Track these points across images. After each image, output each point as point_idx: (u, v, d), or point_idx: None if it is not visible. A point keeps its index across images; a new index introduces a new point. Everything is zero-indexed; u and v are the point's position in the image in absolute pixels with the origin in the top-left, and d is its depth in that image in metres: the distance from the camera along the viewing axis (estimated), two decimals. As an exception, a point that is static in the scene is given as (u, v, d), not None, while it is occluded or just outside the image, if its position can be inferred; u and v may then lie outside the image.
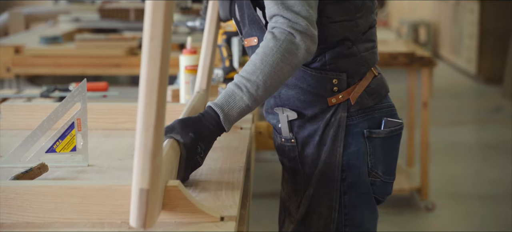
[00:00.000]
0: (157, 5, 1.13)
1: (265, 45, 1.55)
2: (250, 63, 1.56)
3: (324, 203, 1.74)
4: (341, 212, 1.75)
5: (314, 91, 1.69)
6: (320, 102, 1.70)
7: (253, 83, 1.55)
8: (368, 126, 1.72)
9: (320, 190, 1.74)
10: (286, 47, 1.54)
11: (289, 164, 1.81)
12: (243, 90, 1.55)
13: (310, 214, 1.76)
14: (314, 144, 1.73)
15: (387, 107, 1.75)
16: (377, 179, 1.75)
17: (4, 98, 2.46)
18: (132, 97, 2.52)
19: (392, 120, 1.74)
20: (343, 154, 1.71)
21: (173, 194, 1.28)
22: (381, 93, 1.74)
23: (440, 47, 10.33)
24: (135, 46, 3.86)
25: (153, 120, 1.16)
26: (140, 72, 1.16)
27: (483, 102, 7.42)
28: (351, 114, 1.70)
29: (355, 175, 1.73)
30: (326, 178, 1.73)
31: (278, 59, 1.54)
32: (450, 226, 3.97)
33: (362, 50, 1.70)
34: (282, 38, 1.54)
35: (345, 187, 1.73)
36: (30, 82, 4.14)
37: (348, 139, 1.71)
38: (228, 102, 1.56)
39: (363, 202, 1.76)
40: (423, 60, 4.11)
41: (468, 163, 5.32)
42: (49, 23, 5.07)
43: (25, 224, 1.29)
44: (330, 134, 1.71)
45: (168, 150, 1.41)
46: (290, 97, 1.72)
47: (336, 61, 1.68)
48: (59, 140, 1.61)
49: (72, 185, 1.30)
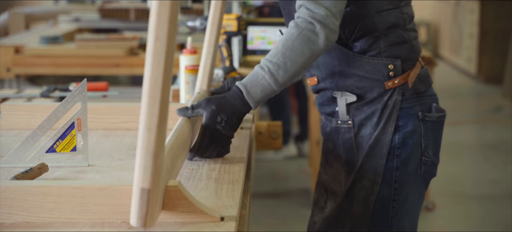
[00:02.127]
0: (163, 5, 1.13)
1: (288, 32, 1.70)
2: (274, 48, 1.71)
3: (367, 176, 1.85)
4: (391, 187, 1.85)
5: (371, 77, 1.82)
6: (378, 87, 1.83)
7: (274, 64, 1.68)
8: (421, 110, 1.85)
9: (367, 164, 1.85)
10: (305, 34, 1.68)
11: (344, 145, 1.90)
12: (265, 70, 1.68)
13: (354, 186, 1.88)
14: (372, 125, 1.85)
15: (434, 95, 1.89)
16: (428, 159, 1.86)
17: (4, 98, 2.46)
18: (132, 97, 2.53)
19: (439, 107, 1.88)
20: (397, 133, 1.83)
21: (174, 194, 1.28)
22: (428, 82, 1.88)
23: (440, 47, 10.33)
24: (135, 46, 3.86)
25: (156, 120, 1.16)
26: (144, 72, 1.16)
27: (483, 102, 7.42)
28: (406, 98, 1.83)
29: (409, 153, 1.84)
30: (374, 154, 1.84)
31: (299, 44, 1.68)
32: (450, 226, 3.97)
33: (412, 38, 1.84)
34: (302, 26, 1.68)
35: (398, 162, 1.85)
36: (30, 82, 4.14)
37: (405, 120, 1.83)
38: (251, 80, 1.69)
39: (413, 180, 1.87)
40: (423, 60, 4.10)
41: (468, 163, 5.32)
42: (49, 23, 5.07)
43: (25, 224, 1.29)
44: (385, 115, 1.83)
45: (168, 150, 1.41)
46: (348, 86, 1.85)
47: (391, 48, 1.81)
48: (59, 140, 1.61)
49: (72, 185, 1.30)
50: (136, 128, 1.18)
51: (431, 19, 10.70)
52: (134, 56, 3.82)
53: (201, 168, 1.65)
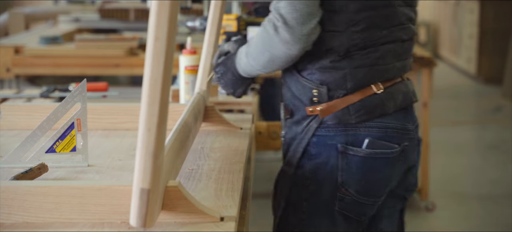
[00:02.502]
0: (162, 5, 1.13)
1: (259, 29, 1.72)
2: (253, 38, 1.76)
3: (278, 193, 1.82)
4: (298, 217, 1.77)
5: (299, 97, 1.73)
6: (302, 109, 1.73)
7: (247, 52, 1.76)
8: (346, 142, 1.69)
9: (288, 188, 1.79)
10: (265, 36, 1.67)
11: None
12: (243, 52, 1.77)
13: (276, 205, 1.85)
14: (294, 146, 1.76)
15: (379, 127, 1.69)
16: (346, 196, 1.71)
17: (4, 98, 2.46)
18: (132, 97, 2.52)
19: (378, 142, 1.68)
20: (309, 162, 1.73)
21: (173, 194, 1.28)
22: (373, 112, 1.68)
23: (440, 47, 10.33)
24: (135, 46, 3.86)
25: (156, 120, 1.16)
26: (144, 72, 1.16)
27: (483, 102, 7.42)
28: (328, 126, 1.69)
29: (319, 185, 1.73)
30: (294, 180, 1.76)
31: (260, 44, 1.69)
32: (450, 226, 3.97)
33: (355, 66, 1.67)
34: (266, 28, 1.66)
35: (307, 194, 1.75)
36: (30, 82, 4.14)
37: (319, 149, 1.71)
38: (241, 51, 1.80)
39: (323, 214, 1.75)
40: (423, 60, 4.11)
41: (468, 163, 5.32)
42: (49, 23, 5.07)
43: (25, 224, 1.29)
44: (303, 141, 1.73)
45: (168, 150, 1.41)
46: (288, 98, 1.78)
47: (320, 71, 1.69)
48: (59, 140, 1.61)
49: (72, 185, 1.30)
50: (136, 128, 1.18)
51: (431, 19, 10.70)
52: (134, 56, 3.82)
53: (201, 168, 1.65)
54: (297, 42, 1.61)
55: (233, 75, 1.83)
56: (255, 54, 1.71)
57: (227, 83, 1.85)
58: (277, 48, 1.63)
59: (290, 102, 1.76)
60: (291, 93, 1.75)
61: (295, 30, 1.60)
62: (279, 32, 1.61)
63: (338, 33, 1.66)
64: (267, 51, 1.66)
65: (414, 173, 1.81)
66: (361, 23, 1.65)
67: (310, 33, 1.61)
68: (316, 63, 1.68)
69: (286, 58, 1.65)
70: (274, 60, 1.67)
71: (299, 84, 1.72)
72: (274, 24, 1.62)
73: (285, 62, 1.67)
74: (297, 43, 1.61)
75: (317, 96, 1.69)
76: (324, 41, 1.66)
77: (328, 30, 1.66)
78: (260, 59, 1.69)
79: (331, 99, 1.68)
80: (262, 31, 1.67)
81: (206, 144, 1.87)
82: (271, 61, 1.67)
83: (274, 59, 1.66)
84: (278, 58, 1.65)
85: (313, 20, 1.61)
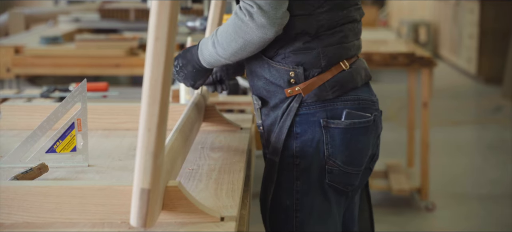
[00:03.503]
0: (162, 5, 1.14)
1: (230, 18, 1.75)
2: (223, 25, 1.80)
3: (267, 182, 1.83)
4: (292, 197, 1.81)
5: (275, 82, 1.79)
6: (280, 93, 1.79)
7: (215, 42, 1.77)
8: (327, 116, 1.78)
9: (276, 174, 1.81)
10: (238, 23, 1.71)
11: (263, 150, 1.90)
12: (212, 39, 1.78)
13: (264, 191, 1.87)
14: (276, 132, 1.80)
15: (353, 100, 1.80)
16: (334, 168, 1.79)
17: (4, 98, 2.46)
18: (132, 97, 2.53)
19: (355, 113, 1.79)
20: (295, 141, 1.79)
21: (174, 194, 1.28)
22: (345, 87, 1.79)
23: (440, 47, 10.33)
24: (135, 46, 3.86)
25: (156, 120, 1.16)
26: (144, 72, 1.16)
27: (483, 102, 7.42)
28: (308, 104, 1.78)
29: (308, 162, 1.79)
30: (282, 164, 1.80)
31: (233, 31, 1.72)
32: (450, 226, 3.97)
33: (324, 45, 1.77)
34: (238, 15, 1.71)
35: (298, 173, 1.80)
36: (30, 82, 4.14)
37: (304, 127, 1.78)
38: (205, 41, 1.81)
39: (316, 189, 1.81)
40: (423, 60, 4.11)
41: (468, 163, 5.32)
42: (49, 23, 5.07)
43: (25, 224, 1.29)
44: (286, 123, 1.79)
45: (168, 150, 1.41)
46: (259, 87, 1.83)
47: (294, 54, 1.77)
48: (59, 140, 1.61)
49: (72, 185, 1.30)
50: (136, 128, 1.18)
51: (431, 19, 10.70)
52: (134, 56, 3.82)
53: (201, 168, 1.65)
54: (272, 26, 1.69)
55: (193, 67, 1.85)
56: (225, 43, 1.74)
57: (187, 75, 1.87)
58: (252, 33, 1.70)
59: (263, 89, 1.82)
60: (264, 80, 1.81)
61: (270, 14, 1.68)
62: (255, 17, 1.69)
63: (306, 16, 1.75)
64: (240, 38, 1.72)
65: (378, 143, 1.93)
66: (325, 5, 1.76)
67: (283, 17, 1.70)
68: (288, 47, 1.76)
69: (261, 42, 1.72)
70: (247, 47, 1.73)
71: (274, 69, 1.78)
72: (248, 11, 1.69)
73: (259, 47, 1.74)
74: (273, 26, 1.69)
75: (294, 78, 1.77)
76: (294, 25, 1.75)
77: (297, 15, 1.74)
78: (231, 46, 1.74)
79: (307, 78, 1.77)
80: (234, 19, 1.72)
81: (206, 144, 1.87)
82: (243, 47, 1.73)
83: (247, 45, 1.73)
84: (252, 43, 1.72)
85: (284, 4, 1.70)
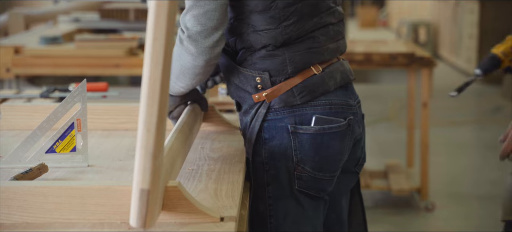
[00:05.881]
0: (161, 5, 1.14)
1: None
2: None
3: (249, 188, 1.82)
4: (265, 203, 1.81)
5: (243, 87, 1.80)
6: (249, 98, 1.80)
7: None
8: (295, 122, 1.77)
9: (250, 179, 1.81)
10: (175, 48, 1.73)
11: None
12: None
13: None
14: (248, 136, 1.81)
15: (324, 105, 1.77)
16: (303, 174, 1.78)
17: (4, 98, 2.46)
18: (132, 97, 2.52)
19: (325, 118, 1.76)
20: (263, 147, 1.79)
21: (173, 195, 1.28)
22: (315, 91, 1.77)
23: (440, 47, 10.33)
24: (135, 46, 3.86)
25: (155, 120, 1.16)
26: (143, 72, 1.16)
27: (483, 102, 7.42)
28: (275, 110, 1.77)
29: (278, 168, 1.79)
30: (254, 169, 1.80)
31: (174, 56, 1.73)
32: (450, 226, 3.97)
33: (291, 51, 1.75)
34: (176, 40, 1.72)
35: (268, 178, 1.80)
36: (30, 82, 4.14)
37: (271, 133, 1.78)
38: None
39: (287, 195, 1.80)
40: (423, 60, 4.11)
41: (468, 163, 5.32)
42: (48, 24, 5.07)
43: (25, 224, 1.29)
44: (255, 129, 1.79)
45: (168, 151, 1.41)
46: (232, 92, 1.85)
47: (260, 60, 1.77)
48: (59, 141, 1.61)
49: (72, 186, 1.30)
50: (136, 128, 1.18)
51: (431, 19, 10.70)
52: (134, 56, 3.82)
53: (201, 168, 1.65)
54: (201, 54, 1.71)
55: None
56: (172, 67, 1.74)
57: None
58: (184, 59, 1.72)
59: (236, 95, 1.83)
60: (234, 86, 1.82)
61: (198, 43, 1.70)
62: (184, 44, 1.71)
63: (271, 31, 1.74)
64: (177, 62, 1.74)
65: (362, 146, 1.91)
66: (292, 17, 1.74)
67: (213, 46, 1.71)
68: (254, 54, 1.77)
69: (193, 68, 1.73)
70: (185, 72, 1.75)
71: (241, 75, 1.79)
72: (180, 37, 1.72)
73: (194, 73, 1.75)
74: (201, 55, 1.71)
75: (260, 83, 1.77)
76: (259, 40, 1.75)
77: (261, 30, 1.74)
78: (174, 69, 1.75)
79: (274, 84, 1.77)
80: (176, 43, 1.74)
81: (206, 144, 1.87)
82: (182, 72, 1.75)
83: (184, 71, 1.75)
84: (187, 69, 1.74)
85: (216, 33, 1.70)
